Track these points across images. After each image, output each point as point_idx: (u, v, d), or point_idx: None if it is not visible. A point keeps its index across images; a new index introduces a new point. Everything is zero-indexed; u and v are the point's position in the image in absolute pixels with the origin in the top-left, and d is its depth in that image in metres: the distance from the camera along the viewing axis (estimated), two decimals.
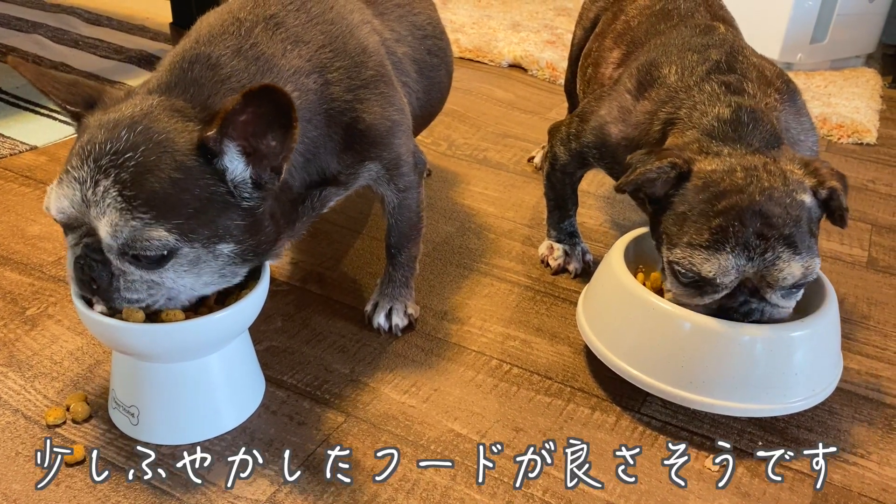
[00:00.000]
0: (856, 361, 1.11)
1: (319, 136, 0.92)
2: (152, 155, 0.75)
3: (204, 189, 0.77)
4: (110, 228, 0.75)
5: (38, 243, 1.25)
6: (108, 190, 0.74)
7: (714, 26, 1.14)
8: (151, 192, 0.74)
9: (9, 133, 1.64)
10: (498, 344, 1.10)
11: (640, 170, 0.92)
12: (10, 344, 1.02)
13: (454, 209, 1.48)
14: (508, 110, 2.03)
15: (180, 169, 0.76)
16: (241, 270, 0.85)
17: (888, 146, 1.99)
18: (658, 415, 0.98)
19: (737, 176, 0.89)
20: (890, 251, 1.44)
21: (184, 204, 0.76)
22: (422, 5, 1.22)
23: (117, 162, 0.74)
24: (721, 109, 0.97)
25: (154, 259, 0.77)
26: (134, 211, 0.74)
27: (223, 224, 0.79)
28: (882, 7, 2.56)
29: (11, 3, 2.62)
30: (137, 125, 0.76)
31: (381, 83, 0.98)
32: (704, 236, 0.87)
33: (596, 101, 1.15)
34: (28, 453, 0.85)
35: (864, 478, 0.91)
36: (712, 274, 0.87)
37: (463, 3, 2.96)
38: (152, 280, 0.79)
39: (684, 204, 0.91)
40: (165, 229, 0.75)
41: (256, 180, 0.80)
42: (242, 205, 0.80)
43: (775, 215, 0.86)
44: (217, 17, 0.92)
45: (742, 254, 0.86)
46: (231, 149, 0.77)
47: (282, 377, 1.00)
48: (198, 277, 0.81)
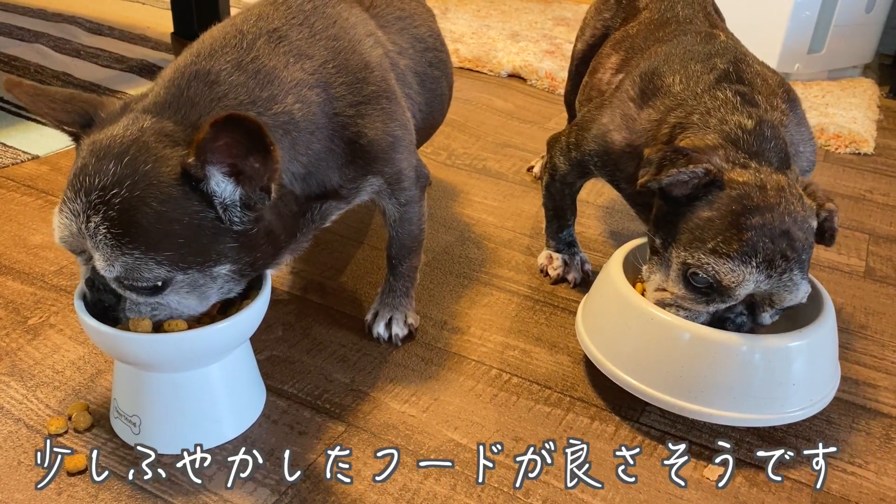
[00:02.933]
0: (853, 371, 1.12)
1: (322, 149, 0.92)
2: (137, 189, 0.75)
3: (193, 217, 0.77)
4: (103, 263, 0.76)
5: (39, 253, 1.26)
6: (98, 226, 0.75)
7: (715, 34, 1.15)
8: (139, 228, 0.75)
9: (11, 142, 1.64)
10: (497, 353, 1.10)
11: (672, 170, 0.90)
12: (12, 353, 1.03)
13: (454, 219, 1.49)
14: (508, 120, 2.04)
15: (167, 201, 0.76)
16: (240, 286, 0.86)
17: (885, 156, 2.00)
18: (657, 424, 0.99)
19: (768, 193, 0.89)
20: (887, 261, 1.45)
21: (173, 235, 0.76)
22: (422, 18, 1.23)
23: (105, 198, 0.75)
24: (743, 119, 0.97)
25: (149, 289, 0.79)
26: (123, 248, 0.75)
27: (216, 248, 0.79)
28: (879, 17, 2.58)
29: (14, 12, 2.64)
30: (125, 156, 0.76)
31: (383, 99, 0.99)
32: (733, 246, 0.87)
33: (597, 110, 1.16)
34: (30, 462, 0.86)
35: (861, 487, 0.91)
36: (733, 284, 0.88)
37: (462, 13, 2.98)
38: (157, 302, 0.81)
39: (712, 210, 0.90)
40: (156, 262, 0.76)
41: (246, 201, 0.79)
42: (234, 228, 0.80)
43: (798, 239, 0.88)
44: (220, 30, 0.92)
45: (764, 271, 0.87)
46: (215, 173, 0.77)
47: (282, 386, 1.00)
48: (200, 298, 0.83)
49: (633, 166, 1.08)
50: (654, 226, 0.99)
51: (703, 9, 1.27)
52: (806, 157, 1.06)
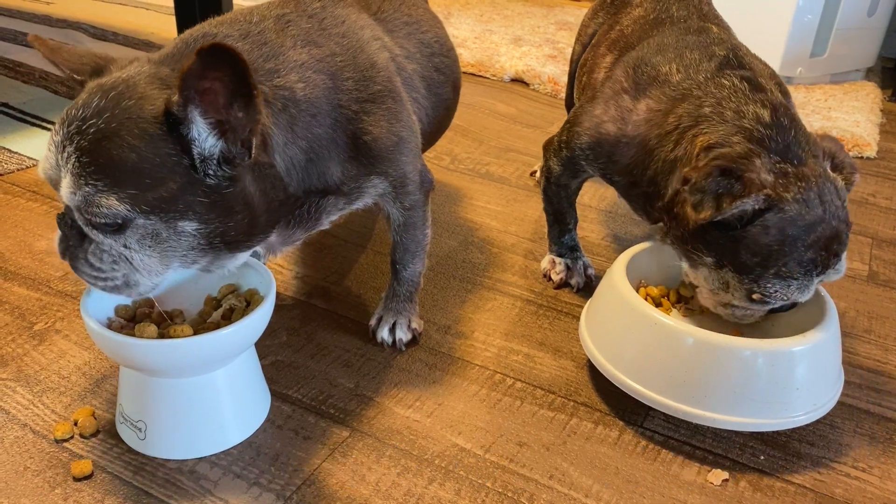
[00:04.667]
0: (857, 375, 1.12)
1: (324, 135, 0.91)
2: (114, 122, 0.75)
3: (165, 160, 0.76)
4: (67, 191, 0.76)
5: (45, 258, 1.27)
6: (70, 156, 0.75)
7: (707, 27, 1.15)
8: (108, 159, 0.74)
9: (16, 148, 1.65)
10: (501, 358, 1.11)
11: (734, 202, 0.88)
12: (18, 359, 1.03)
13: (457, 223, 1.49)
14: (511, 124, 2.05)
15: (141, 137, 0.75)
16: (205, 259, 0.83)
17: (888, 159, 2.00)
18: (661, 429, 0.99)
19: (814, 204, 0.90)
20: (890, 265, 1.45)
21: (140, 173, 0.75)
22: (429, 23, 1.24)
23: (81, 128, 0.75)
24: (758, 110, 0.95)
25: (108, 227, 0.77)
26: (87, 177, 0.74)
27: (184, 199, 0.77)
28: (881, 21, 2.58)
29: (18, 18, 2.65)
30: (111, 91, 0.77)
31: (388, 99, 0.99)
32: (796, 269, 0.91)
33: (588, 103, 1.15)
34: (36, 468, 0.86)
35: (865, 492, 0.91)
36: (801, 300, 0.96)
37: (465, 18, 2.99)
38: (119, 253, 0.79)
39: (769, 236, 0.90)
40: (116, 198, 0.74)
41: (227, 155, 0.78)
42: (207, 181, 0.78)
43: (844, 232, 0.93)
44: (233, 10, 0.95)
45: (823, 273, 0.93)
46: (198, 119, 0.75)
47: (287, 391, 1.01)
48: (162, 257, 0.80)
49: (627, 157, 1.08)
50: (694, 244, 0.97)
51: (698, 10, 1.26)
52: None
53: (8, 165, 1.57)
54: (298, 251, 1.36)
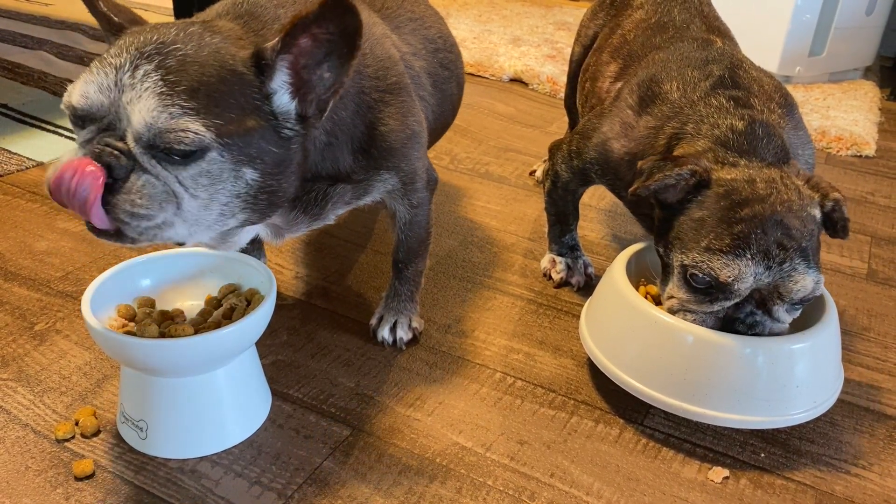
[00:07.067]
0: (856, 373, 1.12)
1: (347, 120, 0.91)
2: (203, 50, 0.72)
3: (249, 100, 0.73)
4: (146, 114, 0.69)
5: (45, 259, 1.27)
6: (148, 74, 0.69)
7: (711, 40, 1.16)
8: (198, 82, 0.70)
9: (16, 149, 1.65)
10: (502, 357, 1.11)
11: (659, 175, 0.92)
12: (19, 359, 1.03)
13: (457, 223, 1.49)
14: (510, 124, 2.05)
15: (232, 71, 0.72)
16: (241, 216, 0.79)
17: (887, 158, 2.00)
18: (661, 427, 0.99)
19: (758, 186, 0.90)
20: (889, 263, 1.45)
21: (228, 106, 0.71)
22: (432, 19, 1.24)
23: (163, 50, 0.70)
24: (734, 122, 0.98)
25: (182, 155, 0.70)
26: (175, 97, 0.69)
27: (258, 144, 0.75)
28: (879, 20, 2.59)
29: (17, 19, 2.65)
30: (188, 27, 0.74)
31: (402, 92, 0.99)
32: (725, 241, 0.87)
33: (597, 118, 1.16)
34: (38, 468, 0.86)
35: (865, 489, 0.91)
36: (730, 279, 0.87)
37: (464, 18, 2.99)
38: (171, 190, 0.72)
39: (702, 210, 0.91)
40: (203, 124, 0.70)
41: (302, 113, 0.76)
42: (282, 132, 0.76)
43: (794, 227, 0.87)
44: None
45: (761, 262, 0.86)
46: (283, 73, 0.74)
47: (288, 391, 1.01)
48: (209, 200, 0.75)
49: (631, 174, 1.09)
50: (657, 237, 1.00)
51: (699, 12, 1.27)
52: (804, 160, 1.06)
53: (7, 166, 1.57)
54: (298, 251, 1.36)
